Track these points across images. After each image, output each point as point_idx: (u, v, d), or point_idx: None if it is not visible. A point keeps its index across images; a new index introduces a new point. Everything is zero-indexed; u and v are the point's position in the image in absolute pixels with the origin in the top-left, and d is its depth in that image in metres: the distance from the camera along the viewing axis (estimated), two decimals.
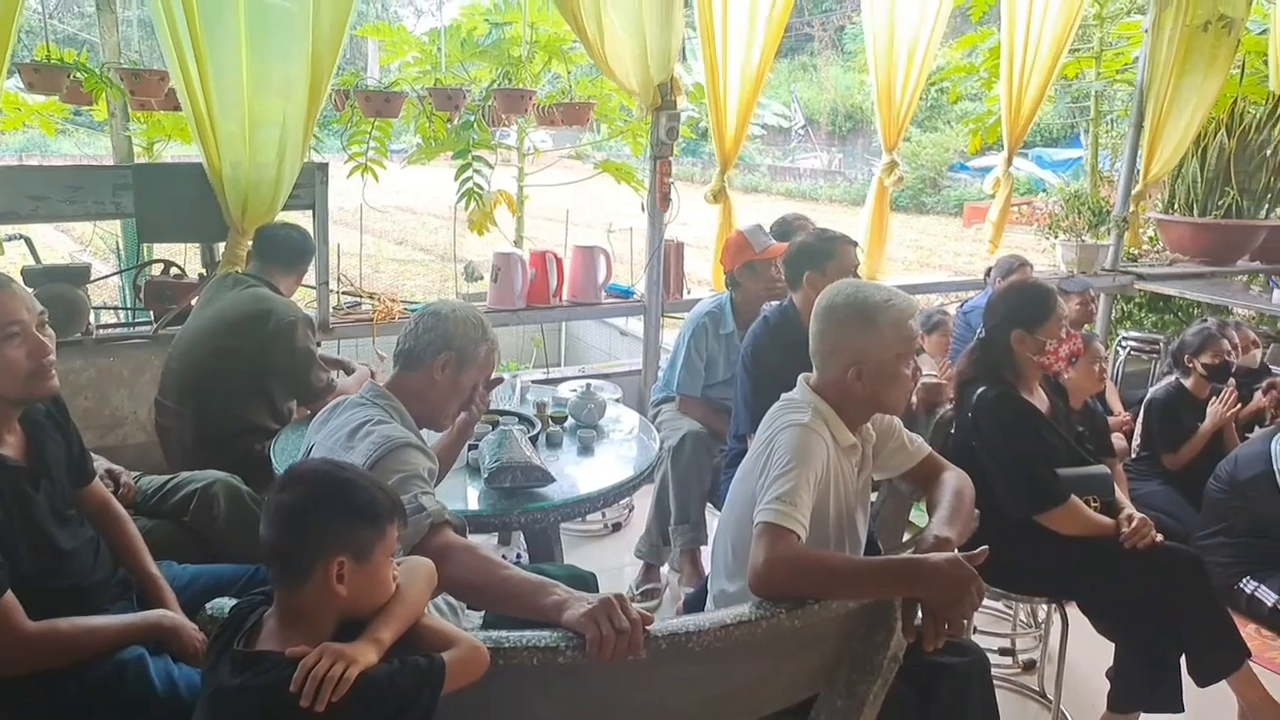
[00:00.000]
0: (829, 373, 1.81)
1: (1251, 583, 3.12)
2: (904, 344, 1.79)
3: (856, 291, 1.82)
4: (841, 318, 1.80)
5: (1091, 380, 3.50)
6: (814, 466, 1.68)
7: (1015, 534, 2.36)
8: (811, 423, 1.74)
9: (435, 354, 1.87)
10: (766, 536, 1.58)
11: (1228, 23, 5.03)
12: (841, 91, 20.44)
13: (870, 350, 1.77)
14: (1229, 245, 5.62)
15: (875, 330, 1.77)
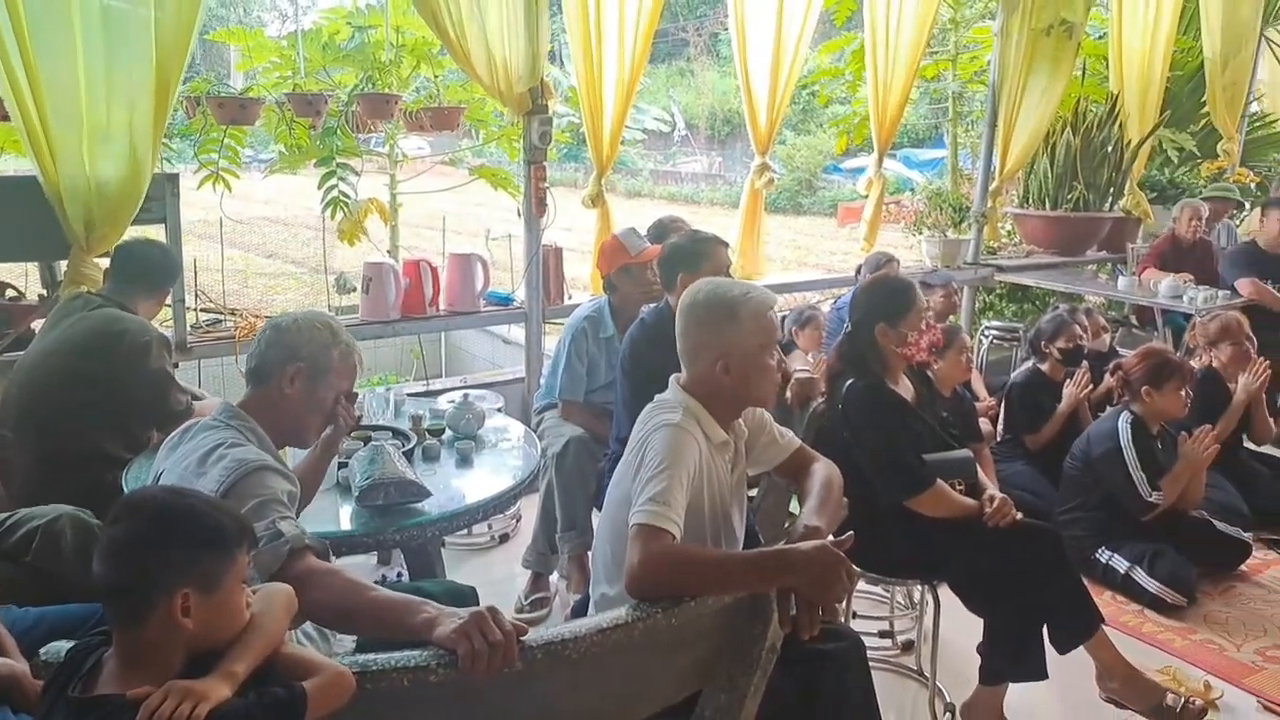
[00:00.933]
0: (697, 369, 1.83)
1: (1106, 553, 3.33)
2: (766, 334, 1.82)
3: (715, 288, 1.85)
4: (703, 314, 1.83)
5: (959, 369, 3.67)
6: (687, 465, 1.69)
7: (887, 521, 2.45)
8: (683, 422, 1.76)
9: (282, 366, 1.79)
10: (641, 537, 1.58)
11: (1069, 27, 5.36)
12: (719, 96, 20.83)
13: (734, 343, 1.80)
14: (1078, 237, 5.99)
15: (737, 323, 1.80)
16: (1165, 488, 3.25)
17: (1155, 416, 3.39)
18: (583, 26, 3.79)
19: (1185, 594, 3.16)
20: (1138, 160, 6.08)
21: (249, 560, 1.30)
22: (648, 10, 3.91)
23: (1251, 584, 3.38)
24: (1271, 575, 3.44)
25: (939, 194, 5.64)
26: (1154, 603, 3.16)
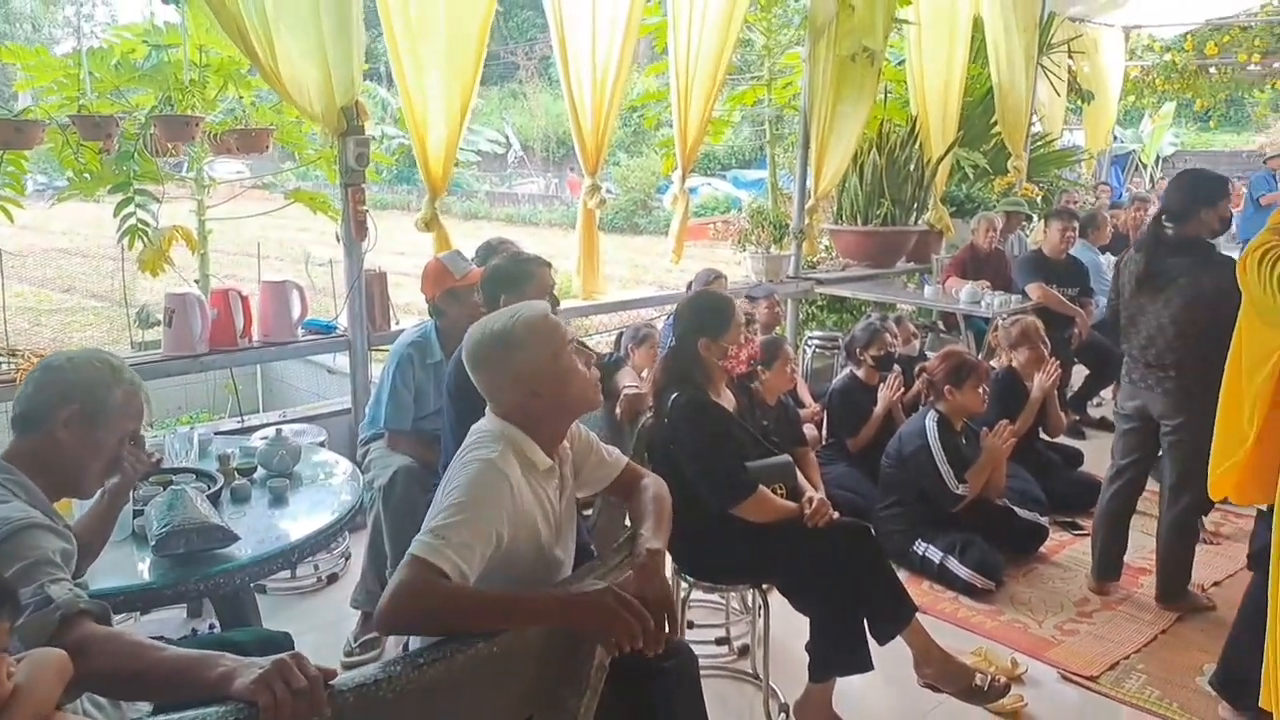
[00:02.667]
0: (506, 406, 1.78)
1: (922, 544, 3.54)
2: (551, 341, 1.77)
3: (481, 330, 1.79)
4: (482, 359, 1.77)
5: (784, 379, 3.81)
6: (489, 507, 1.62)
7: (715, 529, 2.51)
8: (499, 459, 1.68)
9: (55, 410, 1.63)
10: (408, 569, 1.50)
11: (870, 54, 5.72)
12: (552, 118, 20.98)
13: (526, 367, 1.74)
14: (888, 249, 6.38)
15: (518, 348, 1.74)
16: (970, 480, 3.50)
17: (958, 414, 3.65)
18: (408, 46, 3.70)
19: (993, 578, 3.40)
20: (938, 177, 6.55)
21: (10, 630, 1.17)
22: (475, 32, 3.87)
23: (1050, 564, 3.67)
24: (1067, 555, 3.76)
25: (760, 212, 5.87)
26: (966, 589, 3.38)
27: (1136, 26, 9.98)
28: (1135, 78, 12.23)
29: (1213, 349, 3.05)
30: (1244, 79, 12.40)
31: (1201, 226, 3.06)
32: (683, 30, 4.85)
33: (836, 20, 5.44)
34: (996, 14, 6.75)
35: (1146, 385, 3.19)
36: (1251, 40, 11.48)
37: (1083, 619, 3.23)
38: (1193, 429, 3.08)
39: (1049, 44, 7.56)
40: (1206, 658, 2.86)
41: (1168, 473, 3.22)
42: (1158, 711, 2.70)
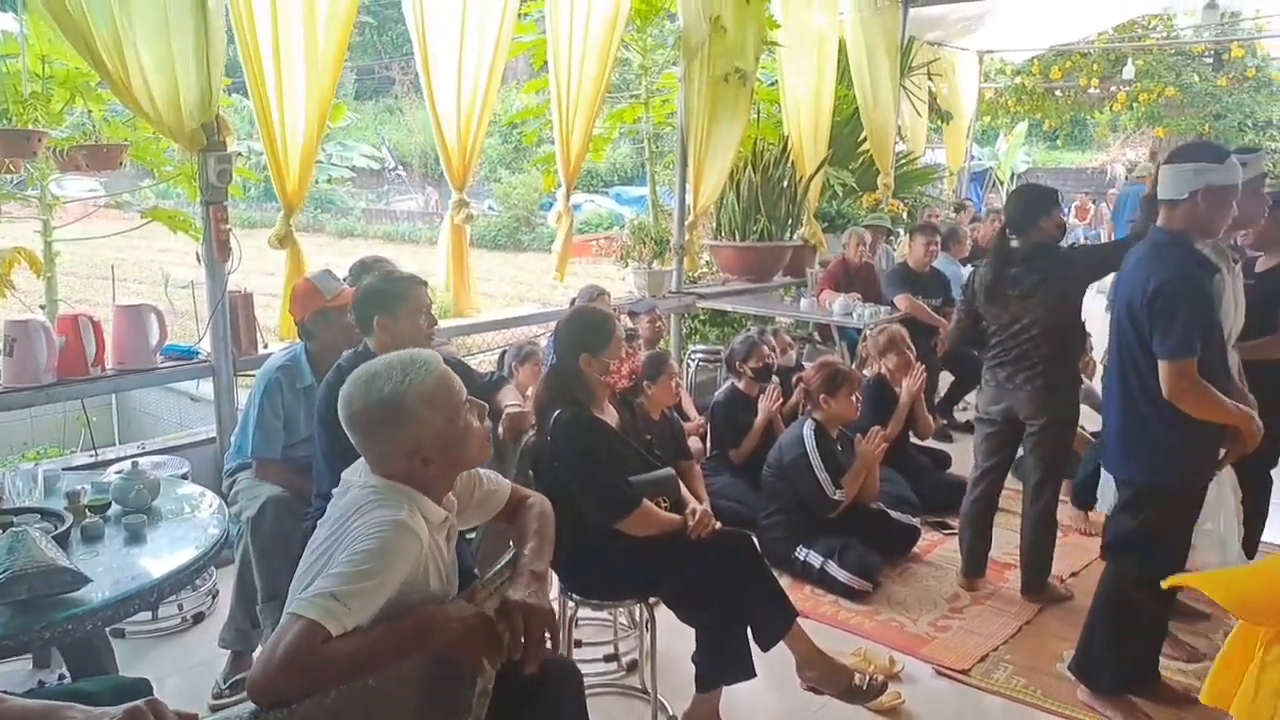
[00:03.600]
0: (391, 470, 1.67)
1: (804, 550, 3.63)
2: (447, 406, 1.68)
3: (369, 389, 1.66)
4: (368, 425, 1.66)
5: (668, 393, 3.85)
6: (398, 572, 1.54)
7: (601, 546, 2.51)
8: (409, 518, 1.59)
9: None
10: (298, 636, 1.40)
11: (742, 75, 5.88)
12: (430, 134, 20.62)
13: (417, 435, 1.64)
14: (766, 264, 6.55)
15: (409, 417, 1.64)
16: (846, 485, 3.62)
17: (834, 421, 3.77)
18: (261, 55, 3.57)
19: (870, 580, 3.52)
20: (810, 194, 6.78)
21: None
22: (334, 42, 3.76)
23: (923, 564, 3.83)
24: (938, 554, 3.92)
25: (642, 228, 5.94)
26: (846, 591, 3.48)
27: (990, 51, 10.61)
28: (990, 99, 13.04)
29: (1072, 346, 3.28)
30: (1085, 101, 13.39)
31: (1042, 234, 3.30)
32: (563, 49, 4.86)
33: (709, 42, 5.56)
34: (859, 38, 7.06)
35: (1013, 386, 3.37)
36: (1091, 66, 12.44)
37: (954, 615, 3.37)
38: (1056, 428, 3.31)
39: (910, 66, 7.94)
40: (1066, 645, 3.03)
41: (1032, 470, 3.41)
42: (1024, 699, 2.85)
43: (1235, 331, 3.00)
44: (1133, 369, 2.53)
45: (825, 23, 6.65)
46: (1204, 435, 2.53)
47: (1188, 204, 2.49)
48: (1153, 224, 2.65)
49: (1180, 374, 2.41)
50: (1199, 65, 12.20)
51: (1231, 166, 2.51)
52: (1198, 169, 2.48)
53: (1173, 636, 3.08)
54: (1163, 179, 2.56)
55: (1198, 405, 2.45)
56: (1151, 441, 2.55)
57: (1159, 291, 2.41)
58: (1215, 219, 2.51)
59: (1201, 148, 2.67)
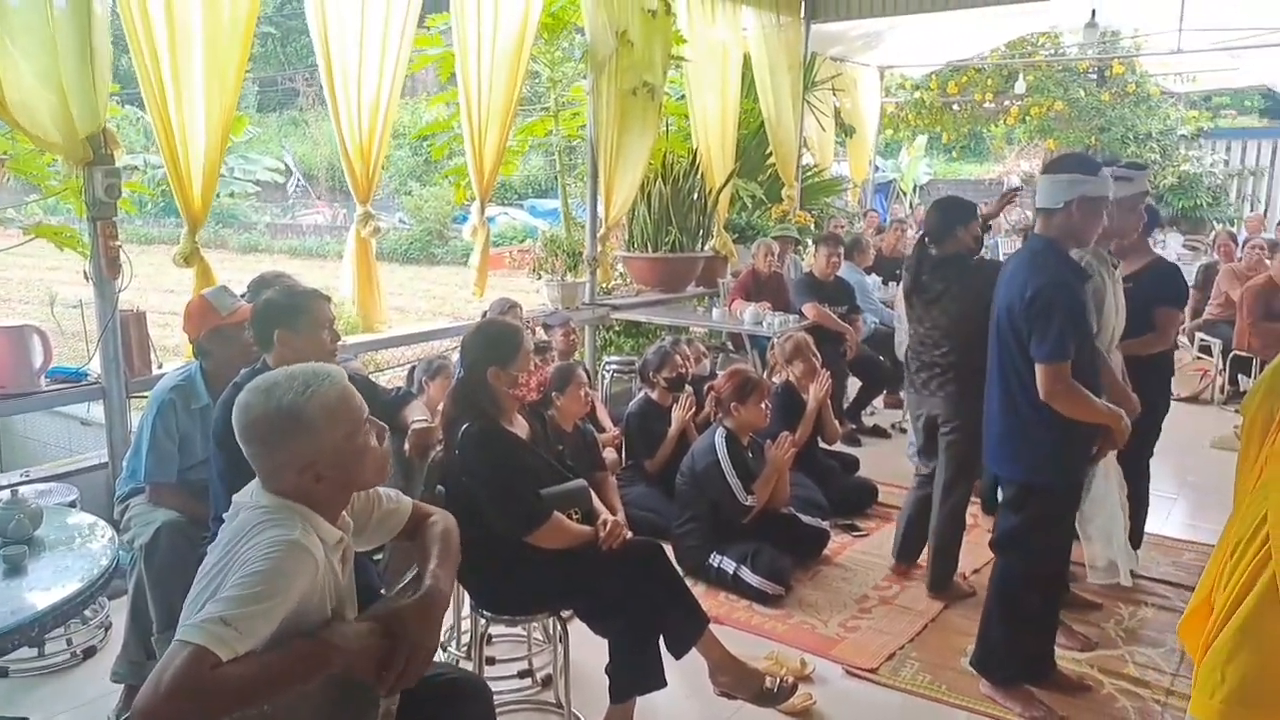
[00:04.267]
0: (283, 485, 1.62)
1: (717, 557, 3.66)
2: (348, 422, 1.65)
3: (268, 398, 1.62)
4: (265, 434, 1.61)
5: (577, 404, 3.85)
6: (292, 593, 1.50)
7: (512, 560, 2.49)
8: (303, 538, 1.56)
9: None
10: (186, 662, 1.35)
11: (650, 88, 5.94)
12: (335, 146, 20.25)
13: (319, 453, 1.61)
14: (678, 275, 6.62)
15: (308, 429, 1.60)
16: (757, 491, 3.67)
17: (744, 428, 3.82)
18: (158, 65, 3.44)
19: (782, 584, 3.57)
20: (720, 206, 6.88)
21: None
22: (234, 50, 3.66)
23: (833, 565, 3.91)
24: (848, 556, 4.01)
25: (554, 241, 5.93)
26: (759, 596, 3.53)
27: (890, 66, 10.98)
28: (891, 113, 13.48)
29: (979, 352, 3.42)
30: (981, 115, 13.96)
31: (959, 244, 3.45)
32: (471, 61, 4.83)
33: (616, 56, 5.61)
34: (762, 54, 7.22)
35: (929, 392, 3.50)
36: (985, 81, 12.98)
37: (863, 615, 3.46)
38: (967, 430, 3.42)
39: (813, 82, 8.16)
40: (969, 640, 3.11)
41: (943, 469, 3.54)
42: (930, 695, 2.93)
43: (1117, 334, 3.18)
44: (1012, 372, 2.65)
45: (729, 38, 6.77)
46: (1078, 434, 2.66)
47: (1063, 213, 2.62)
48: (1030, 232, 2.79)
49: (1055, 376, 2.53)
50: (1084, 81, 12.85)
51: (1103, 179, 2.65)
52: (1072, 180, 2.62)
53: (1066, 626, 3.22)
54: (1040, 189, 2.69)
55: (1071, 406, 2.57)
56: (1032, 441, 2.66)
57: (1036, 297, 2.53)
58: (1088, 228, 2.65)
59: (1075, 160, 2.81)
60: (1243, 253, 7.26)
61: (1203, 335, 7.16)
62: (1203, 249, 9.95)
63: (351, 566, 1.80)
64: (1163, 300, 3.46)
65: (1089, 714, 2.80)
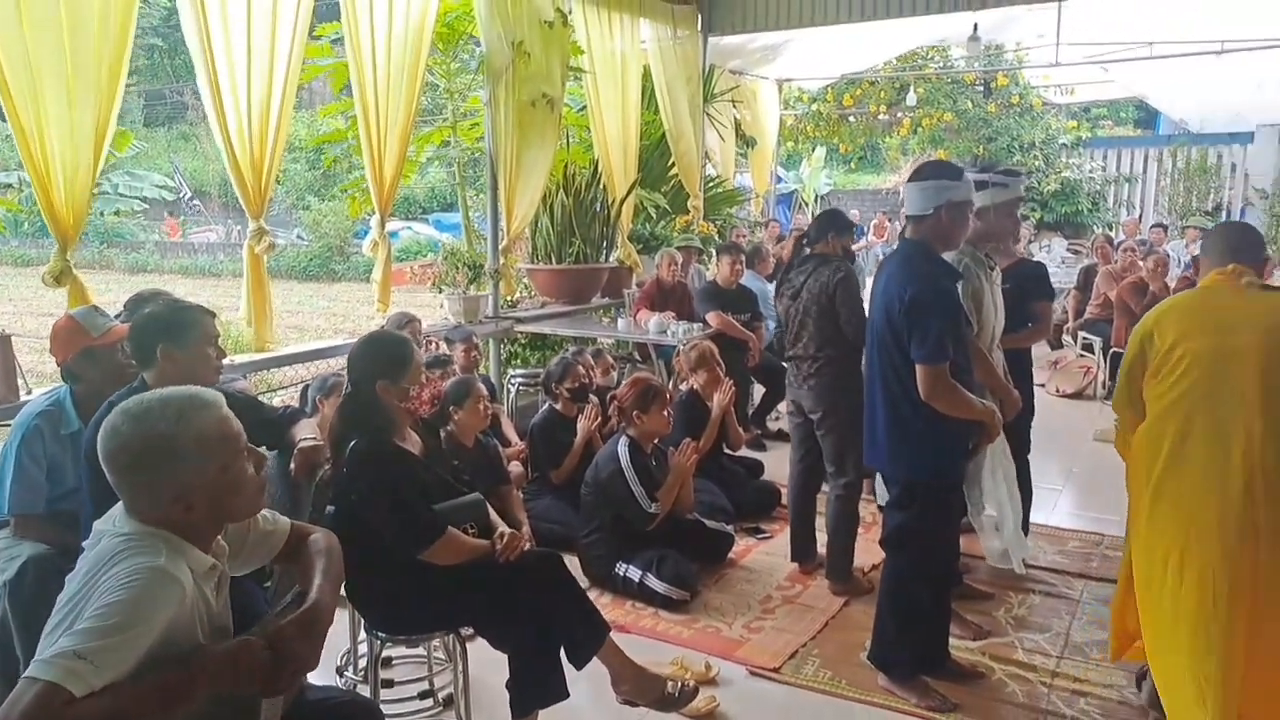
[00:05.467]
0: (151, 515, 1.55)
1: (623, 565, 3.66)
2: (225, 451, 1.59)
3: (139, 423, 1.54)
4: (133, 462, 1.53)
5: (477, 418, 3.80)
6: (155, 623, 1.43)
7: (406, 578, 2.43)
8: (169, 564, 1.48)
9: None
10: (35, 699, 1.28)
11: (549, 100, 5.92)
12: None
13: (186, 481, 1.54)
14: (583, 286, 6.61)
15: (181, 460, 1.54)
16: (661, 498, 3.69)
17: (647, 436, 3.84)
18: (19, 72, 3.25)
19: (688, 589, 3.59)
20: (623, 216, 6.91)
21: None
22: (108, 57, 3.49)
23: (738, 569, 3.95)
24: (752, 558, 4.06)
25: (455, 254, 5.85)
26: (665, 602, 3.53)
27: (788, 79, 11.24)
28: (791, 125, 13.80)
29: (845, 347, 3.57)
30: (876, 126, 14.40)
31: (829, 248, 3.65)
32: (367, 72, 4.73)
33: (513, 67, 5.58)
34: (661, 66, 7.30)
35: (798, 384, 3.68)
36: (879, 93, 13.42)
37: (767, 615, 3.50)
38: (833, 420, 3.59)
39: (712, 94, 8.28)
40: (868, 635, 3.17)
41: (826, 461, 3.69)
42: (831, 691, 2.98)
43: (998, 333, 3.32)
44: (892, 372, 2.73)
45: (628, 50, 6.82)
46: (957, 432, 2.77)
47: (932, 218, 2.74)
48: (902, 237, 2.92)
49: (935, 376, 2.62)
50: (971, 93, 13.40)
51: (966, 183, 2.80)
52: (939, 186, 2.74)
53: (959, 617, 3.32)
54: (908, 196, 2.81)
55: (951, 405, 2.67)
56: (914, 440, 2.75)
57: (914, 301, 2.62)
58: (956, 231, 2.79)
59: (941, 167, 2.93)
60: (1119, 255, 7.67)
61: (1085, 334, 7.52)
62: (1084, 252, 10.48)
63: (226, 593, 1.73)
64: (1037, 294, 3.66)
65: (981, 700, 2.90)
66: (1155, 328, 2.40)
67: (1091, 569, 3.90)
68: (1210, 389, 2.25)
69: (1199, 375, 2.24)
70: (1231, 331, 2.28)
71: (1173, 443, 2.30)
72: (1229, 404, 2.22)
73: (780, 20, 7.74)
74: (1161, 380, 2.33)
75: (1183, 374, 2.28)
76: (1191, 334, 2.31)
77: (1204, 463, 2.25)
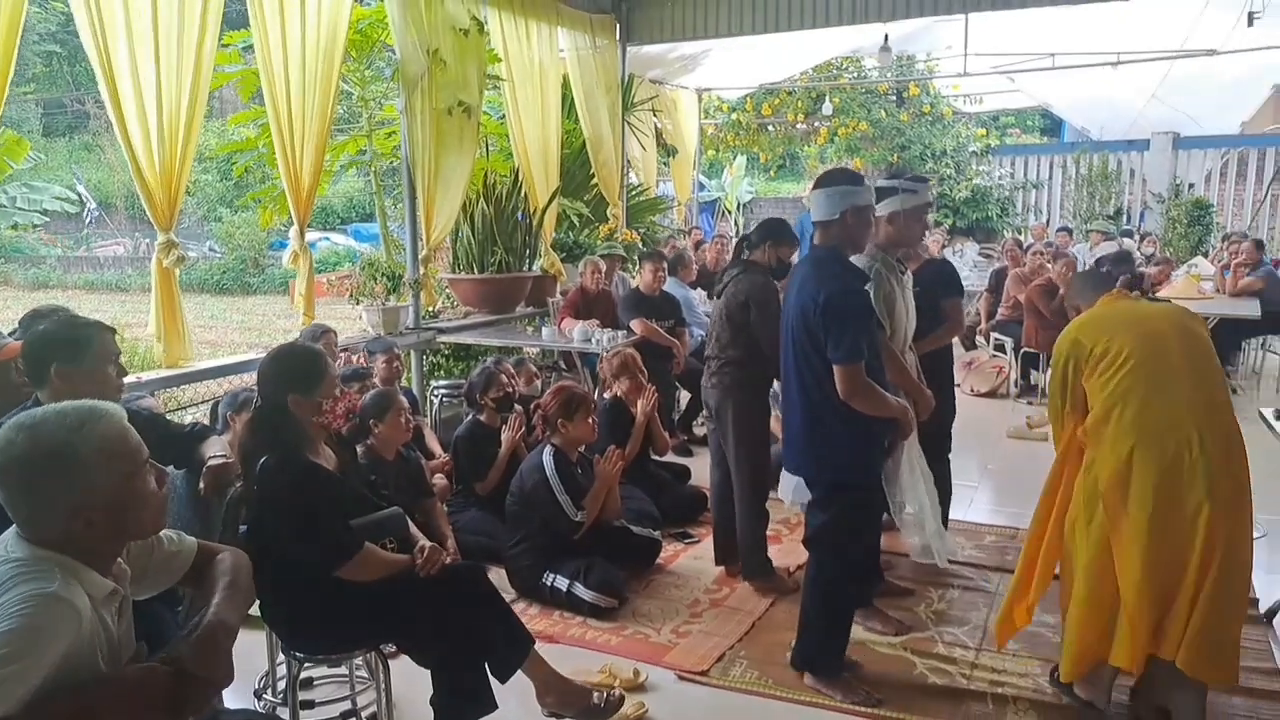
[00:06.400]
0: (46, 533, 1.47)
1: (550, 575, 3.63)
2: (128, 462, 1.53)
3: (33, 434, 1.47)
4: (28, 475, 1.45)
5: (398, 431, 3.73)
6: (47, 654, 1.36)
7: (323, 596, 2.36)
8: (61, 589, 1.41)
9: None
10: None
11: (467, 108, 5.87)
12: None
13: (92, 496, 1.48)
14: (506, 295, 6.55)
15: (81, 470, 1.47)
16: (588, 506, 3.67)
17: (572, 445, 3.82)
18: None
19: (616, 596, 3.58)
20: (546, 225, 6.88)
21: None
22: None
23: (666, 574, 3.96)
24: (679, 563, 4.07)
25: (373, 264, 5.74)
26: (593, 610, 3.52)
27: (707, 89, 11.37)
28: (711, 134, 13.96)
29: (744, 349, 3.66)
30: (794, 135, 14.65)
31: (765, 256, 3.69)
32: (278, 79, 4.61)
33: (429, 75, 5.51)
34: (579, 75, 7.30)
35: (706, 382, 3.77)
36: (796, 103, 13.66)
37: (694, 620, 3.51)
38: (728, 419, 3.67)
39: (632, 103, 8.32)
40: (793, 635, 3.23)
41: (729, 461, 3.74)
42: (759, 691, 3.01)
43: (910, 333, 3.40)
44: (810, 376, 2.78)
45: (547, 59, 6.81)
46: (873, 431, 2.83)
47: (839, 223, 2.82)
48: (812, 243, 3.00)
49: (853, 376, 2.68)
50: (885, 103, 13.75)
51: (867, 188, 2.91)
52: (843, 192, 2.82)
53: (882, 613, 3.39)
54: (814, 202, 2.89)
55: (870, 404, 2.74)
56: (833, 441, 2.81)
57: (829, 304, 2.68)
58: (861, 234, 2.89)
59: (843, 174, 3.02)
60: (1028, 258, 7.95)
61: (997, 335, 7.78)
62: (995, 256, 10.84)
63: (130, 618, 1.66)
64: (947, 293, 3.77)
65: (904, 693, 2.95)
66: (1080, 337, 2.65)
67: (1007, 562, 4.01)
68: (1153, 368, 2.54)
69: (1139, 360, 2.54)
70: (1150, 321, 2.62)
71: (1135, 411, 2.52)
72: (1168, 376, 2.53)
73: (698, 30, 7.83)
74: (1106, 373, 2.57)
75: (1124, 362, 2.54)
76: (1118, 333, 2.59)
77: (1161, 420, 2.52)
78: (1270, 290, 7.39)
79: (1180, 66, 9.97)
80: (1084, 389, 2.64)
